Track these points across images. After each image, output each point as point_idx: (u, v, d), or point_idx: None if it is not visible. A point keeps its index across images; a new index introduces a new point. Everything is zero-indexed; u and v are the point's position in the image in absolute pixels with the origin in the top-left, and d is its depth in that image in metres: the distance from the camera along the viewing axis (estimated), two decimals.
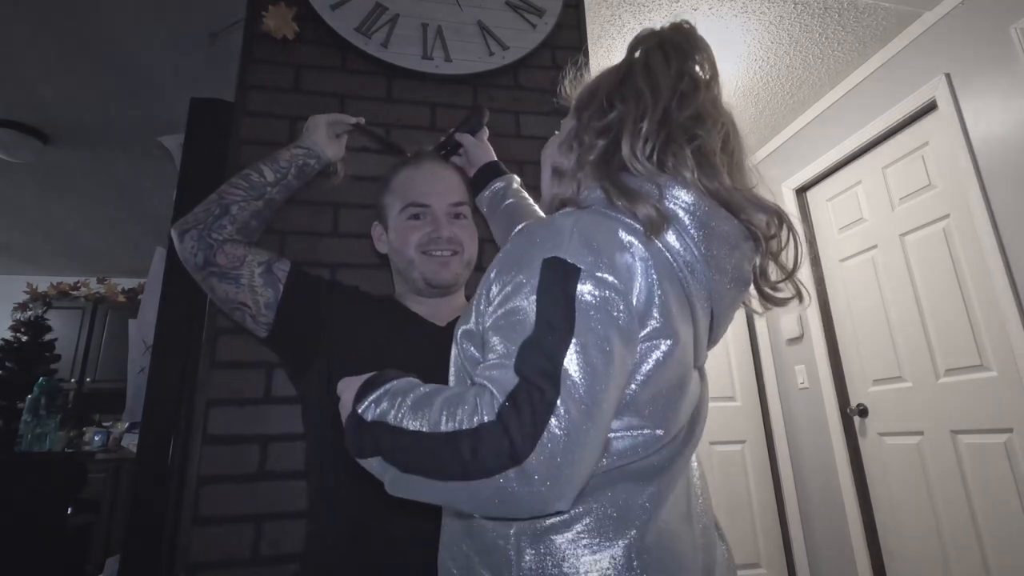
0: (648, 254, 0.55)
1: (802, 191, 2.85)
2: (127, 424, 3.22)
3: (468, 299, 1.04)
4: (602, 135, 0.64)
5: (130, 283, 4.69)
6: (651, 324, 0.53)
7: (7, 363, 3.57)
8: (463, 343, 0.61)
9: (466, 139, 1.12)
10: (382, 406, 0.53)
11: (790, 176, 2.86)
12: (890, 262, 2.36)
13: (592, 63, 2.15)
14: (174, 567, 1.00)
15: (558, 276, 0.50)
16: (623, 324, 0.50)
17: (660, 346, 0.53)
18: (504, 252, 0.58)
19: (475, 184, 1.12)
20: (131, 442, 3.03)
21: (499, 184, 1.10)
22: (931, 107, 2.17)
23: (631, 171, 0.60)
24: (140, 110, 2.56)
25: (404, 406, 0.52)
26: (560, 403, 0.45)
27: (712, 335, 0.64)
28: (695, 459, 0.65)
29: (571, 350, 0.47)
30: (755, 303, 0.67)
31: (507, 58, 1.43)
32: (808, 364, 2.71)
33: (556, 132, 0.77)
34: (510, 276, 0.53)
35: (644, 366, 0.53)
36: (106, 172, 3.18)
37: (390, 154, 1.24)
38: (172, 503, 1.11)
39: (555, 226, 0.55)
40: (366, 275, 1.18)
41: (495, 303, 0.54)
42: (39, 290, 4.52)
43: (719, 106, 0.65)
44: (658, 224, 0.56)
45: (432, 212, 0.94)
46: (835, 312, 2.65)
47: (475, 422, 0.46)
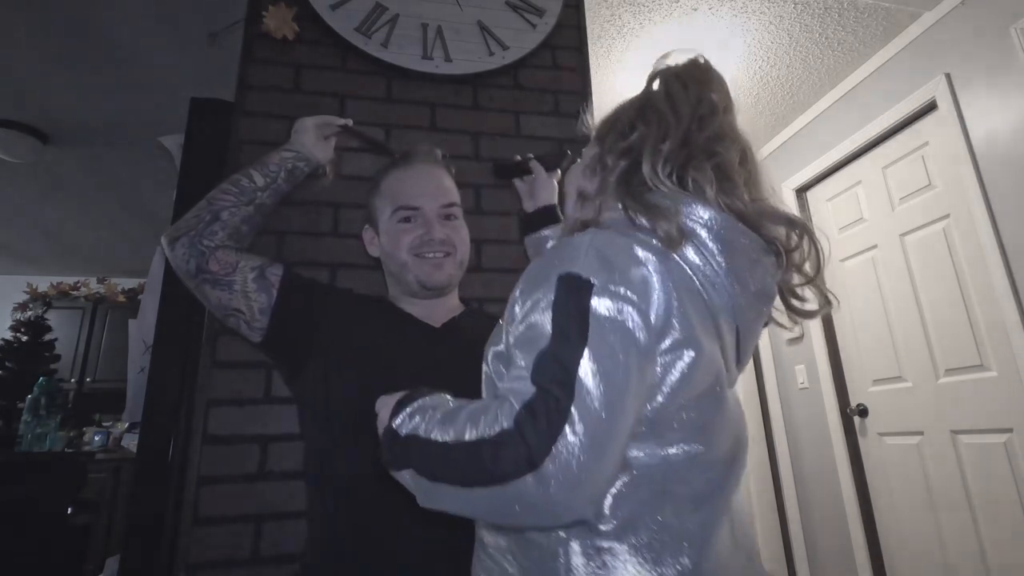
0: (665, 268, 0.55)
1: (802, 191, 2.85)
2: (127, 424, 3.22)
3: (462, 300, 1.04)
4: (624, 156, 0.65)
5: (130, 283, 4.69)
6: (672, 335, 0.53)
7: (7, 363, 3.57)
8: (494, 364, 0.64)
9: (540, 171, 1.11)
10: (415, 420, 0.56)
11: (790, 176, 2.86)
12: (890, 262, 2.36)
13: (592, 63, 2.16)
14: (174, 567, 1.00)
15: (573, 290, 0.52)
16: (639, 336, 0.51)
17: (683, 356, 0.54)
18: (526, 273, 0.60)
19: (530, 222, 1.12)
20: (131, 442, 3.03)
21: (548, 232, 1.10)
22: (931, 107, 2.17)
23: (652, 189, 0.62)
24: (140, 110, 2.56)
25: (434, 419, 0.55)
26: (575, 410, 0.46)
27: (740, 352, 0.64)
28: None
29: (585, 359, 0.48)
30: (783, 318, 0.68)
31: (507, 58, 1.43)
32: (808, 364, 2.70)
33: (579, 160, 0.79)
34: (530, 295, 0.55)
35: (669, 377, 0.54)
36: (106, 172, 3.18)
37: (379, 154, 1.24)
38: (172, 503, 1.11)
39: (571, 244, 0.57)
40: (366, 275, 1.18)
41: (516, 321, 0.56)
42: (39, 290, 4.52)
43: (736, 129, 0.68)
44: (676, 240, 0.57)
45: (423, 214, 0.93)
46: (835, 312, 2.65)
47: (495, 430, 0.48)
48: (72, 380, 4.22)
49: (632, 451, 0.54)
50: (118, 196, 3.48)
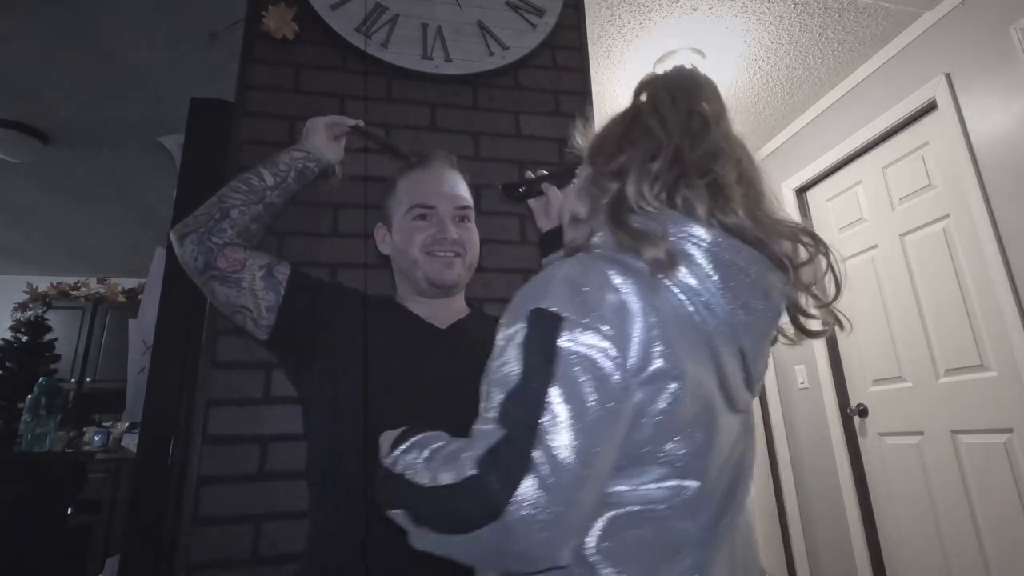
0: (649, 294, 0.53)
1: (802, 191, 2.85)
2: (127, 424, 3.22)
3: (468, 303, 1.04)
4: (614, 178, 0.63)
5: (130, 283, 4.69)
6: (653, 366, 0.51)
7: (7, 363, 3.57)
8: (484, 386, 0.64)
9: (554, 192, 1.07)
10: (406, 459, 0.56)
11: (790, 176, 2.86)
12: (890, 262, 2.36)
13: (592, 63, 2.16)
14: (174, 567, 1.00)
15: (542, 326, 0.50)
16: (611, 371, 0.48)
17: (667, 388, 0.51)
18: (512, 300, 0.59)
19: (544, 241, 1.08)
20: (131, 442, 3.02)
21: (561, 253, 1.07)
22: (931, 107, 2.17)
23: (638, 211, 0.59)
24: (140, 110, 2.56)
25: (420, 460, 0.54)
26: (538, 455, 0.45)
27: (748, 374, 0.60)
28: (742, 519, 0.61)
29: (552, 400, 0.47)
30: (789, 332, 0.66)
31: (507, 58, 1.43)
32: (808, 364, 2.70)
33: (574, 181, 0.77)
34: (507, 327, 0.54)
35: (651, 410, 0.51)
36: (106, 172, 3.18)
37: (389, 156, 1.24)
38: (172, 503, 1.11)
39: (546, 276, 0.55)
40: (366, 275, 1.18)
41: (495, 354, 0.55)
42: (39, 290, 4.52)
43: (732, 139, 0.64)
44: (665, 264, 0.54)
45: (437, 213, 0.94)
46: (835, 312, 2.65)
47: (462, 476, 0.47)
48: (72, 380, 4.22)
49: (616, 486, 0.52)
50: (118, 196, 3.47)
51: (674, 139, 0.61)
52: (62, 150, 2.92)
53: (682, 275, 0.55)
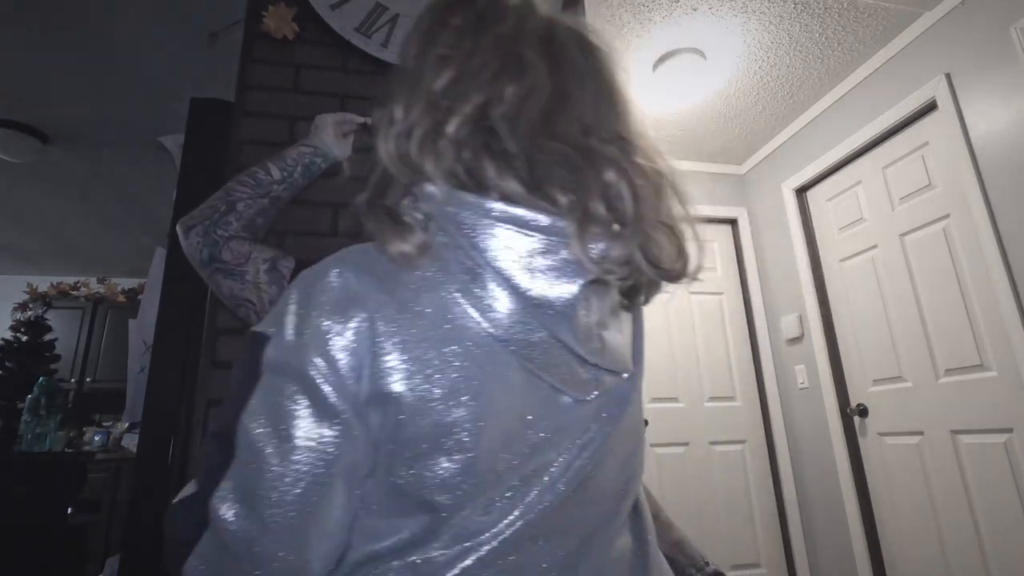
0: (386, 295, 0.44)
1: (802, 191, 2.85)
2: (127, 424, 3.22)
3: None
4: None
5: (130, 283, 4.69)
6: (382, 381, 0.42)
7: (7, 363, 3.57)
8: None
9: None
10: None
11: (790, 176, 2.86)
12: (890, 262, 2.36)
13: None
14: None
15: (253, 345, 0.46)
16: (322, 392, 0.41)
17: (398, 403, 0.42)
18: None
19: None
20: (131, 442, 3.02)
21: None
22: (931, 107, 2.17)
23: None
24: (140, 110, 2.56)
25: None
26: (227, 495, 0.41)
27: (582, 351, 0.47)
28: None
29: (248, 425, 0.42)
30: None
31: None
32: (808, 364, 2.70)
33: None
34: None
35: (385, 432, 0.43)
36: (106, 172, 3.18)
37: None
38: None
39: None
40: None
41: None
42: (39, 290, 4.52)
43: (513, 41, 0.49)
44: (412, 257, 0.45)
45: None
46: (835, 312, 2.65)
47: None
48: (72, 380, 4.22)
49: (359, 529, 0.44)
50: (118, 196, 3.47)
51: (415, 78, 0.52)
52: (62, 150, 2.92)
53: (442, 252, 0.46)
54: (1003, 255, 1.89)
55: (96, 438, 3.59)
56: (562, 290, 0.45)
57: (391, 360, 0.42)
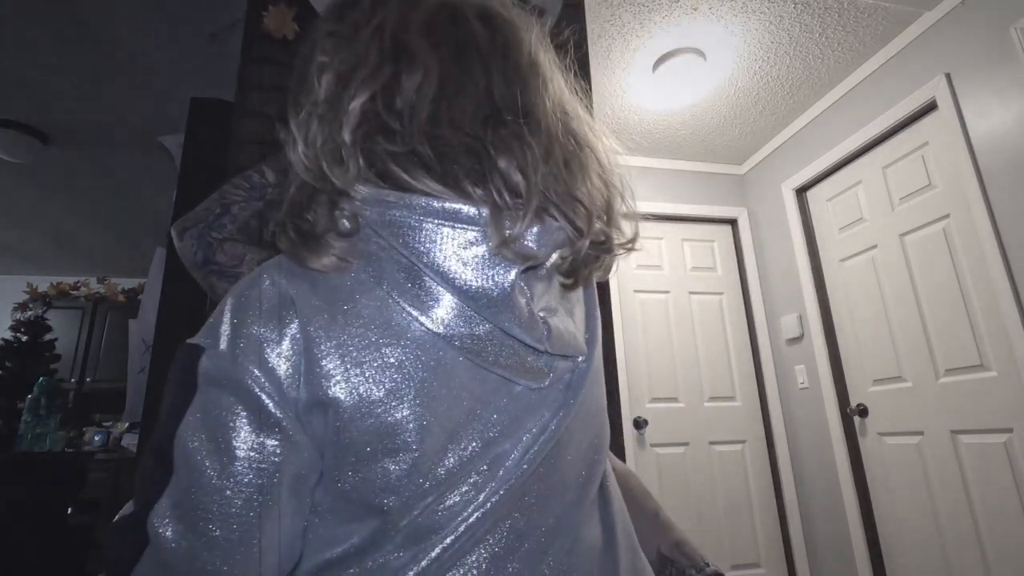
0: (320, 299, 0.43)
1: (802, 191, 2.85)
2: (127, 424, 3.22)
3: None
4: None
5: (130, 283, 4.69)
6: (316, 386, 0.41)
7: (7, 363, 3.57)
8: None
9: None
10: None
11: (790, 176, 2.86)
12: (890, 262, 2.36)
13: (592, 63, 2.16)
14: None
15: (184, 358, 0.44)
16: (251, 406, 0.41)
17: (336, 404, 0.41)
18: None
19: None
20: (131, 442, 3.02)
21: None
22: (931, 107, 2.17)
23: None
24: (140, 110, 2.56)
25: None
26: (165, 512, 0.39)
27: (530, 337, 0.46)
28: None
29: (184, 438, 0.41)
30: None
31: None
32: (808, 364, 2.71)
33: None
34: None
35: (329, 432, 0.42)
36: (106, 172, 3.18)
37: None
38: None
39: None
40: None
41: None
42: (39, 290, 4.52)
43: (396, 32, 0.47)
44: (336, 267, 0.44)
45: None
46: (835, 312, 2.65)
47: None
48: (72, 380, 4.22)
49: (313, 538, 0.43)
50: (118, 196, 3.48)
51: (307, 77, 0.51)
52: (62, 150, 2.92)
53: (376, 253, 0.45)
54: (1003, 255, 1.89)
55: (96, 438, 3.58)
56: (498, 279, 0.43)
57: (328, 365, 0.41)
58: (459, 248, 0.43)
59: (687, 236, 3.12)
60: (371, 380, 0.42)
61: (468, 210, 0.43)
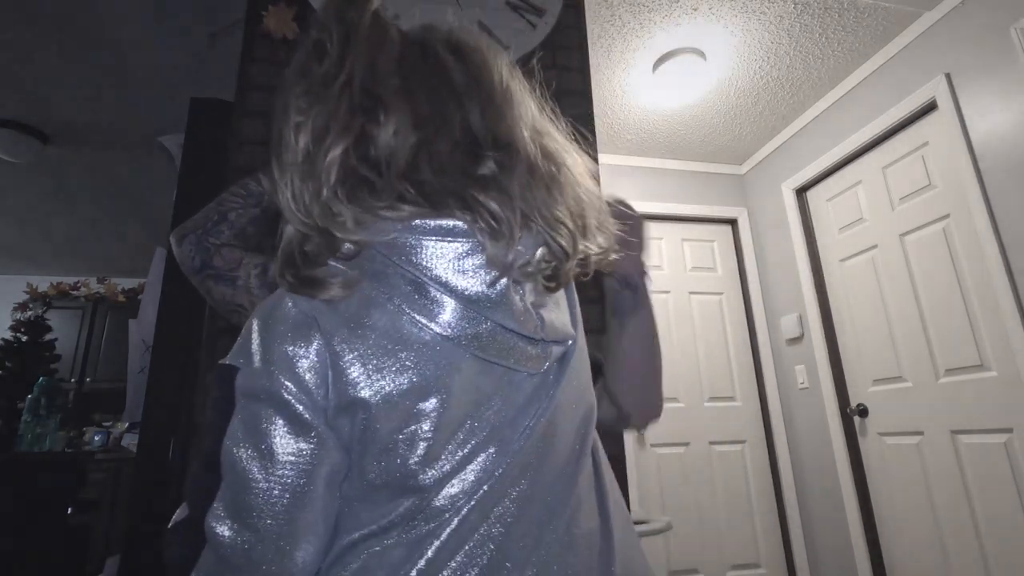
0: (333, 316, 0.48)
1: (802, 191, 2.85)
2: (127, 424, 3.22)
3: None
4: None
5: (130, 283, 4.69)
6: (343, 393, 0.47)
7: (7, 363, 3.57)
8: None
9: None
10: None
11: (790, 176, 2.86)
12: (890, 262, 2.36)
13: (592, 63, 2.16)
14: None
15: (224, 378, 0.50)
16: (293, 409, 0.46)
17: (363, 404, 0.47)
18: None
19: None
20: (131, 442, 3.03)
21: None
22: (931, 107, 2.17)
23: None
24: (140, 110, 2.56)
25: None
26: (220, 513, 0.45)
27: (525, 326, 0.51)
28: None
29: (231, 446, 0.46)
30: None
31: None
32: (808, 364, 2.70)
33: None
34: None
35: (355, 436, 0.48)
36: (106, 172, 3.18)
37: None
38: (172, 503, 1.11)
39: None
40: None
41: None
42: (39, 290, 4.52)
43: (365, 85, 0.50)
44: (342, 296, 0.49)
45: None
46: (835, 312, 2.65)
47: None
48: (72, 380, 4.22)
49: (354, 531, 0.48)
50: (118, 196, 3.48)
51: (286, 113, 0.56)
52: (62, 150, 2.92)
53: (387, 271, 0.50)
54: (1003, 255, 1.89)
55: (96, 438, 3.59)
56: (495, 284, 0.49)
57: (353, 372, 0.47)
58: (456, 259, 0.48)
59: (687, 236, 3.12)
60: (392, 381, 0.47)
61: (458, 225, 0.49)
